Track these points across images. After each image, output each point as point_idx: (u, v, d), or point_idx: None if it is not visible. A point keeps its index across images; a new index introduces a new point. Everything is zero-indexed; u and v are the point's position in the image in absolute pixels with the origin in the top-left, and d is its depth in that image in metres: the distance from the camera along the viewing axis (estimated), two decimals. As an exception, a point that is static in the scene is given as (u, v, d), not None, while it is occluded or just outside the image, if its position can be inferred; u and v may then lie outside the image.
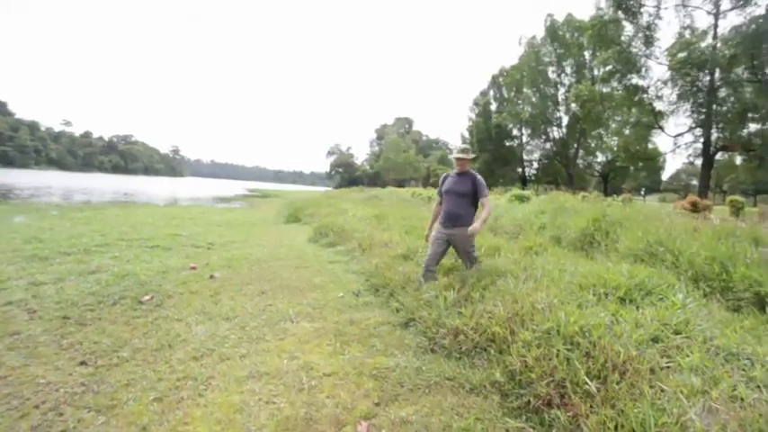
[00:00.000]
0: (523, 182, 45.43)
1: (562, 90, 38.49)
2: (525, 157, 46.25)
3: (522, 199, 13.58)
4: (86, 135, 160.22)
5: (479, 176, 3.96)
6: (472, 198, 3.91)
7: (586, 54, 36.04)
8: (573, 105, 35.71)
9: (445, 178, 4.14)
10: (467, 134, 52.76)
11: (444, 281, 3.78)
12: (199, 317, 3.87)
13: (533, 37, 38.54)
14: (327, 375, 2.75)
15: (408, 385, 2.62)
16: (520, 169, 46.75)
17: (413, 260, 5.05)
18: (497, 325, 2.67)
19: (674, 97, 25.67)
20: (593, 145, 38.74)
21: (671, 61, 23.77)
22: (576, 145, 38.34)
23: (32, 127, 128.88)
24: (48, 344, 3.19)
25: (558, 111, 39.14)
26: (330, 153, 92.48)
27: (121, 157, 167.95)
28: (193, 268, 5.77)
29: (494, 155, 44.16)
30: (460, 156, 3.98)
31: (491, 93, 48.22)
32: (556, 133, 40.45)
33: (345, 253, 7.05)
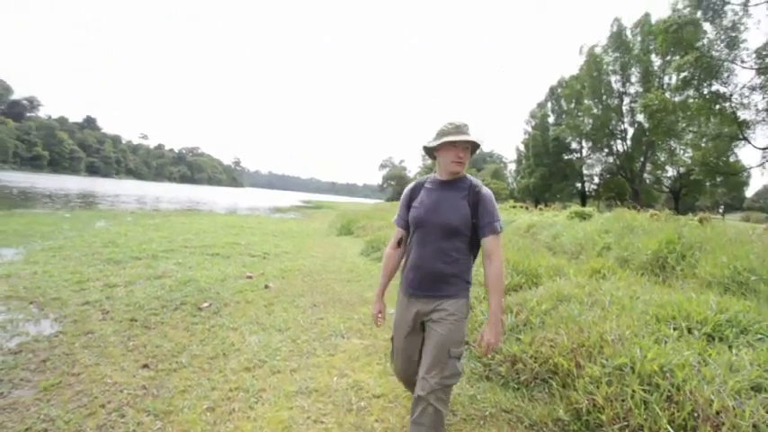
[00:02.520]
0: (583, 197, 43.04)
1: (627, 100, 36.19)
2: (585, 171, 43.85)
3: (583, 216, 12.79)
4: (159, 147, 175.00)
5: (485, 189, 1.89)
6: (469, 237, 1.84)
7: (656, 60, 33.71)
8: (639, 116, 33.41)
9: (415, 190, 2.02)
10: (522, 147, 51.20)
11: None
12: (253, 326, 3.94)
13: (595, 45, 36.80)
14: (377, 397, 2.66)
15: (461, 414, 2.46)
16: (579, 184, 44.38)
17: (466, 278, 4.85)
18: (561, 355, 2.45)
19: (763, 104, 23.09)
20: (662, 158, 35.91)
21: (761, 64, 21.48)
22: (642, 159, 35.75)
23: (115, 140, 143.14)
24: (116, 344, 3.39)
25: (623, 122, 36.81)
26: (383, 166, 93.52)
27: (189, 167, 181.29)
28: (249, 277, 5.96)
29: (551, 169, 42.33)
30: (455, 138, 1.82)
31: (549, 105, 46.54)
32: (620, 146, 38.01)
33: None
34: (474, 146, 1.89)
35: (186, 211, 20.56)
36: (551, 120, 45.08)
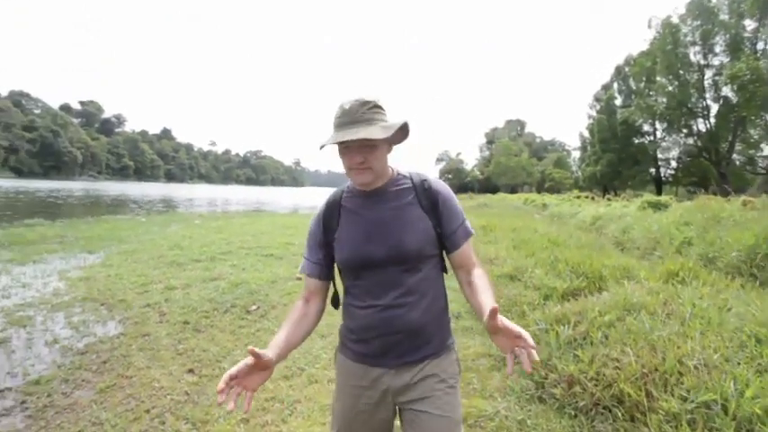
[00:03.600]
0: (658, 184, 39.25)
1: (709, 73, 32.23)
2: (660, 155, 39.90)
3: (657, 206, 11.53)
4: (226, 152, 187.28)
5: (437, 180, 1.27)
6: (438, 256, 1.26)
7: (749, 24, 29.61)
8: (725, 90, 29.62)
9: (330, 214, 1.27)
10: (586, 133, 47.84)
11: (556, 311, 3.18)
12: (296, 331, 3.92)
13: (669, 16, 33.18)
14: (415, 415, 2.47)
15: (509, 441, 2.20)
16: (653, 170, 40.50)
17: (521, 281, 4.48)
18: (628, 381, 2.08)
19: None
20: (755, 136, 31.61)
21: None
22: (730, 137, 31.73)
23: (188, 148, 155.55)
24: (168, 347, 3.51)
25: (704, 99, 32.88)
26: (439, 160, 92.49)
27: (253, 170, 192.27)
28: (299, 279, 6.02)
29: (620, 155, 39.03)
30: (337, 140, 1.10)
31: (615, 86, 42.92)
32: (701, 125, 34.04)
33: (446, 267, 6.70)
34: (398, 133, 1.16)
35: (249, 213, 21.59)
36: (618, 102, 41.54)
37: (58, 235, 9.45)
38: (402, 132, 1.19)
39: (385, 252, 1.15)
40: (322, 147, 1.16)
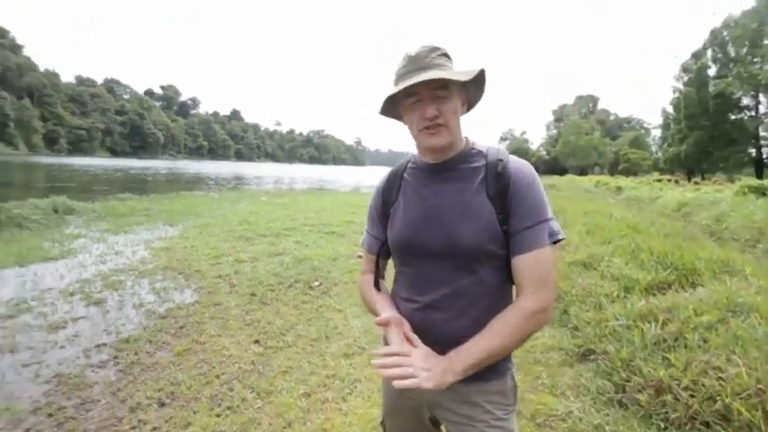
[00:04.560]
0: (759, 167, 34.46)
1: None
2: (763, 133, 34.88)
3: (761, 192, 10.09)
4: (291, 132, 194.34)
5: (517, 162, 0.98)
6: (504, 257, 0.96)
7: None
8: None
9: (390, 186, 1.11)
10: (670, 109, 43.06)
11: (641, 306, 2.85)
12: (357, 309, 3.94)
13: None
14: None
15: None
16: (752, 150, 35.58)
17: (596, 270, 4.12)
18: (736, 395, 1.79)
19: None
20: None
21: None
22: None
23: (255, 128, 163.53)
24: (236, 317, 3.70)
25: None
26: (503, 139, 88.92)
27: (316, 149, 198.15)
28: (360, 257, 6.07)
29: (711, 133, 34.66)
30: (406, 83, 0.90)
31: (709, 53, 37.78)
32: (822, 99, 29.14)
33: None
34: (472, 86, 0.98)
35: (313, 190, 22.25)
36: (712, 72, 36.66)
37: (145, 208, 10.38)
38: (478, 86, 1.00)
39: (436, 241, 0.96)
40: (383, 107, 1.01)
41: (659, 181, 25.42)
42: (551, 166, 67.69)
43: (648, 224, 6.13)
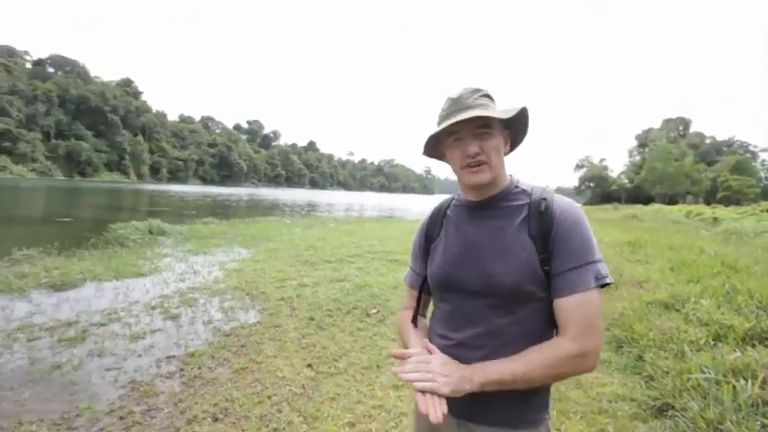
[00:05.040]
0: None
1: None
2: None
3: None
4: (362, 161, 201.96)
5: (562, 202, 0.96)
6: (546, 300, 0.93)
7: None
8: None
9: (434, 222, 1.13)
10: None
11: (734, 358, 2.44)
12: (409, 339, 3.86)
13: None
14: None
15: None
16: None
17: (679, 312, 3.64)
18: None
19: None
20: None
21: None
22: None
23: (329, 158, 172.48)
24: (293, 340, 3.81)
25: None
26: (579, 166, 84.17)
27: (386, 177, 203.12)
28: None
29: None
30: (448, 122, 0.93)
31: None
32: None
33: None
34: (514, 124, 1.00)
35: (382, 218, 22.63)
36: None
37: (223, 232, 11.31)
38: (521, 124, 1.01)
39: (473, 279, 0.95)
40: (426, 147, 1.03)
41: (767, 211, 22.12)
42: (634, 194, 62.22)
43: (751, 262, 5.31)
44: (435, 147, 1.05)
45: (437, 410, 0.80)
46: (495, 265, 0.93)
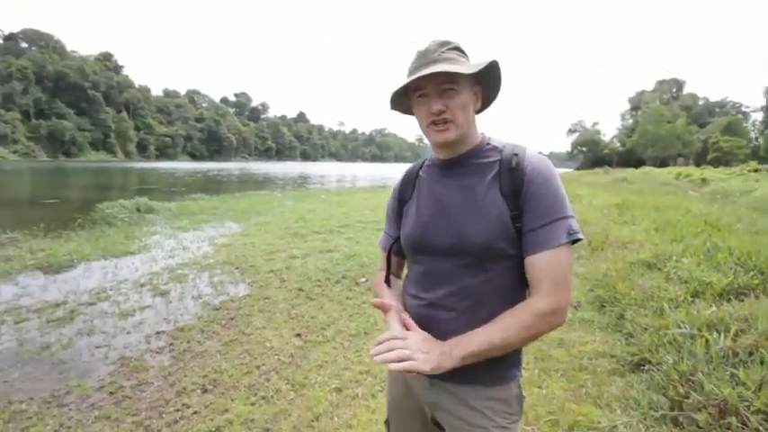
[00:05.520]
0: None
1: None
2: None
3: None
4: (353, 132, 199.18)
5: (534, 158, 0.92)
6: (518, 258, 0.91)
7: None
8: None
9: (407, 184, 1.12)
10: (778, 89, 37.70)
11: (709, 313, 2.51)
12: (397, 306, 3.91)
13: None
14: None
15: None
16: None
17: (661, 271, 3.71)
18: (817, 421, 1.50)
19: None
20: None
21: None
22: None
23: (320, 129, 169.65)
24: (282, 311, 3.84)
25: None
26: (571, 131, 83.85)
27: (378, 147, 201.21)
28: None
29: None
30: (412, 76, 0.89)
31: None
32: None
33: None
34: (486, 80, 0.95)
35: (372, 188, 22.54)
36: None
37: (213, 207, 11.21)
38: (493, 79, 0.96)
39: (444, 239, 0.94)
40: (394, 102, 1.01)
41: (756, 171, 22.32)
42: (626, 158, 62.34)
43: (734, 220, 5.38)
44: (404, 102, 1.01)
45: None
46: (466, 224, 0.91)
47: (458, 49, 0.94)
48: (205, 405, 2.37)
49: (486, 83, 0.97)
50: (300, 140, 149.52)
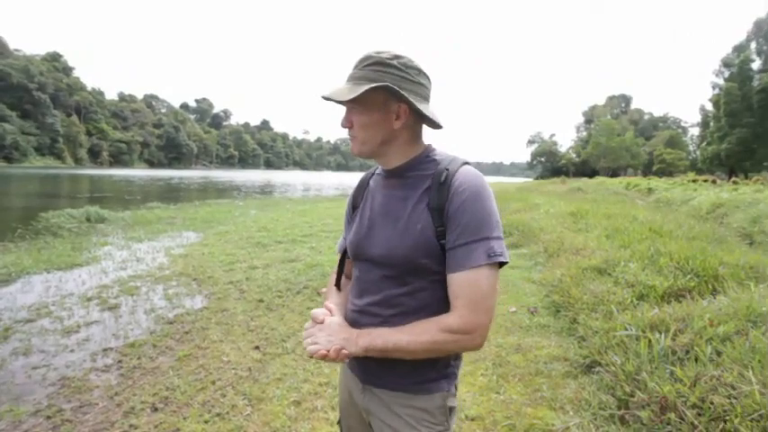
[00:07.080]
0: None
1: None
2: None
3: (808, 191, 9.36)
4: (318, 140, 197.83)
5: (466, 174, 0.90)
6: (442, 275, 0.89)
7: None
8: None
9: (360, 189, 1.12)
10: (709, 106, 41.15)
11: (652, 315, 2.66)
12: (360, 316, 3.89)
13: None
14: (471, 420, 2.25)
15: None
16: (805, 148, 33.35)
17: (611, 275, 3.90)
18: (746, 417, 1.61)
19: None
20: None
21: None
22: None
23: (284, 137, 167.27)
24: (241, 323, 3.72)
25: None
26: (531, 142, 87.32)
27: (343, 156, 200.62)
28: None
29: (755, 130, 32.78)
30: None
31: (752, 46, 35.91)
32: None
33: (528, 257, 6.19)
34: (406, 97, 0.88)
35: (335, 197, 22.41)
36: (756, 65, 34.82)
37: (170, 216, 10.76)
38: (417, 97, 0.90)
39: (374, 248, 0.95)
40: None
41: (694, 181, 24.08)
42: (581, 168, 65.69)
43: (675, 227, 5.78)
44: None
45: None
46: (393, 236, 0.92)
47: (379, 63, 0.88)
48: (155, 425, 2.25)
49: (411, 101, 0.89)
50: (264, 149, 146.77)
